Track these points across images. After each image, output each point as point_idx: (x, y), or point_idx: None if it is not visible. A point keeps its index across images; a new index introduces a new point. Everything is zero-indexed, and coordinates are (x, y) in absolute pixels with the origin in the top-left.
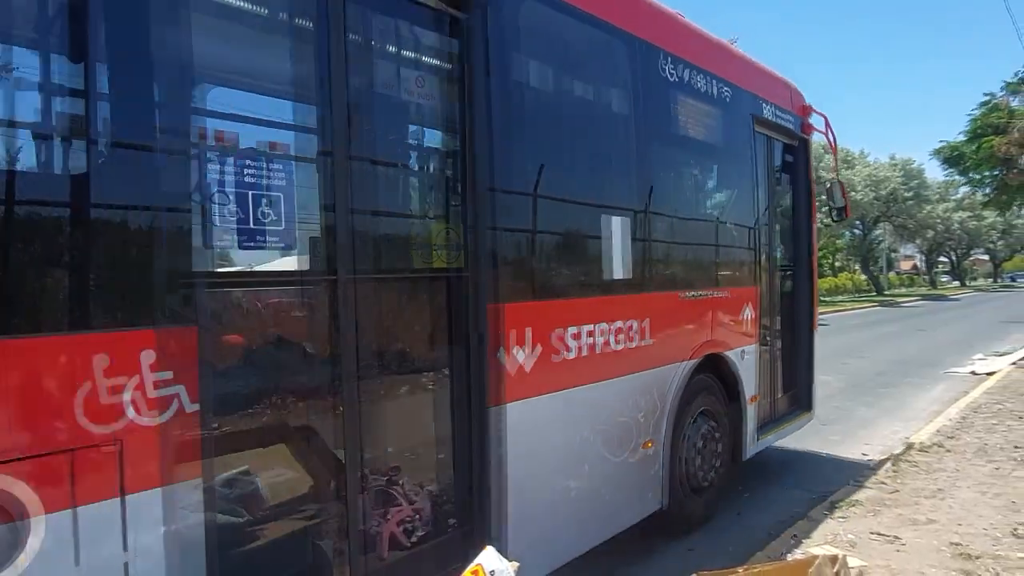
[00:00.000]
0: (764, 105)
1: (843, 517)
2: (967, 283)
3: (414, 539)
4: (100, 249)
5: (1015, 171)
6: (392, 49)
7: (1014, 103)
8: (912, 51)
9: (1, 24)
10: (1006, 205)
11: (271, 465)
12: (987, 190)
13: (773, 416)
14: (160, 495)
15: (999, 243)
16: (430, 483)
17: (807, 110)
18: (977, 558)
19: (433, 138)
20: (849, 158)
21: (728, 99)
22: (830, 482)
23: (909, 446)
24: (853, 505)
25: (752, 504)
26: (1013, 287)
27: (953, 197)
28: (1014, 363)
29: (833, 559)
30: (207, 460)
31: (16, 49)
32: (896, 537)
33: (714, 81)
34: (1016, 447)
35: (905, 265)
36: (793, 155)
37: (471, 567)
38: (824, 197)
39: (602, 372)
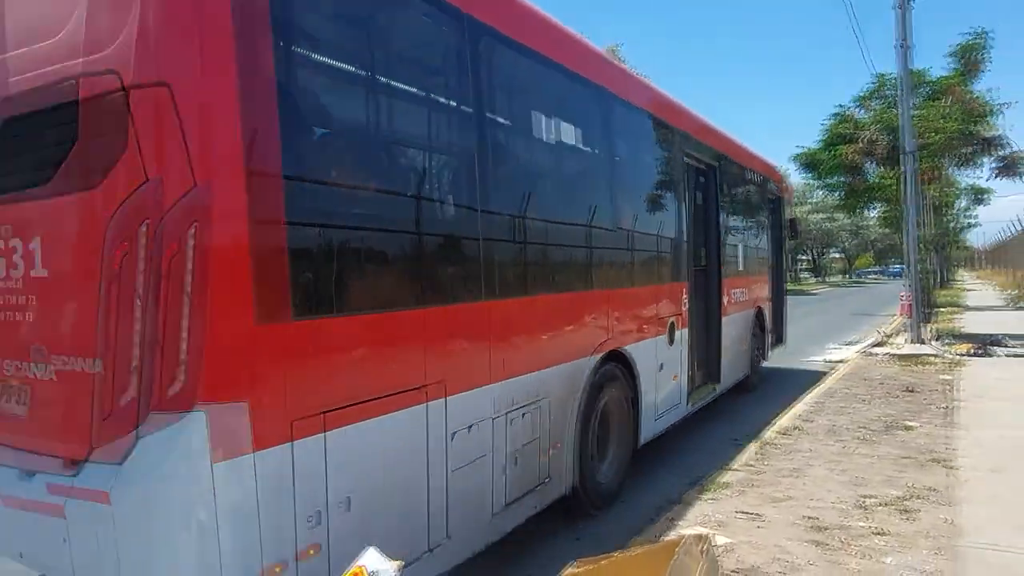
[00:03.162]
0: (770, 183)
1: (714, 499)
2: (824, 279)
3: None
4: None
5: (860, 177)
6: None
7: (860, 115)
8: (777, 65)
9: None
10: (855, 208)
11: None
12: (839, 194)
13: (771, 342)
14: (688, 330)
15: (850, 242)
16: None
17: (782, 179)
18: (827, 529)
19: (699, 224)
20: None
21: (765, 183)
22: (704, 468)
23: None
24: (723, 487)
25: (631, 493)
26: (862, 283)
27: (811, 200)
28: (860, 352)
29: (700, 538)
30: (691, 323)
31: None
32: (759, 515)
33: (764, 178)
34: (860, 427)
35: None
36: (776, 205)
37: (352, 568)
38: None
39: (737, 309)
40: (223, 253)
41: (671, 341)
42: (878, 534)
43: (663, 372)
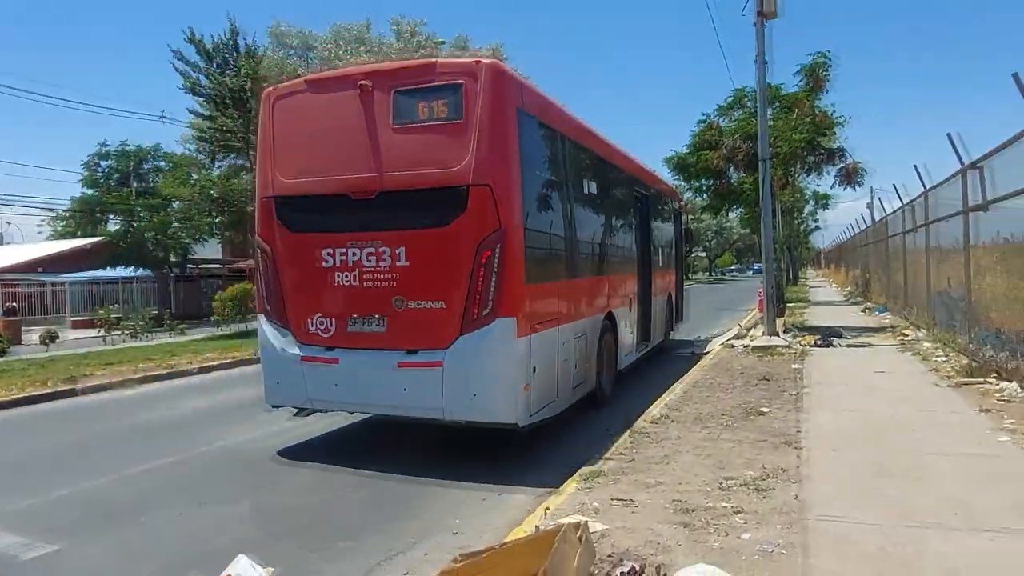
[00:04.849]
0: (674, 201)
1: (590, 488)
2: (689, 276)
3: (640, 331)
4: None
5: (724, 181)
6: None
7: (724, 124)
8: (652, 75)
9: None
10: (718, 210)
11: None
12: (706, 196)
13: (676, 319)
14: (636, 305)
15: (713, 242)
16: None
17: (681, 197)
18: (694, 511)
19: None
20: None
21: (670, 202)
22: (579, 458)
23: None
24: (598, 476)
25: (510, 484)
26: (724, 279)
27: None
28: (723, 344)
29: (576, 526)
30: (637, 301)
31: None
32: (632, 500)
33: (670, 198)
34: (723, 414)
35: None
36: (676, 217)
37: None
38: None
39: (659, 293)
40: (505, 254)
41: (630, 310)
42: (737, 513)
43: (627, 329)
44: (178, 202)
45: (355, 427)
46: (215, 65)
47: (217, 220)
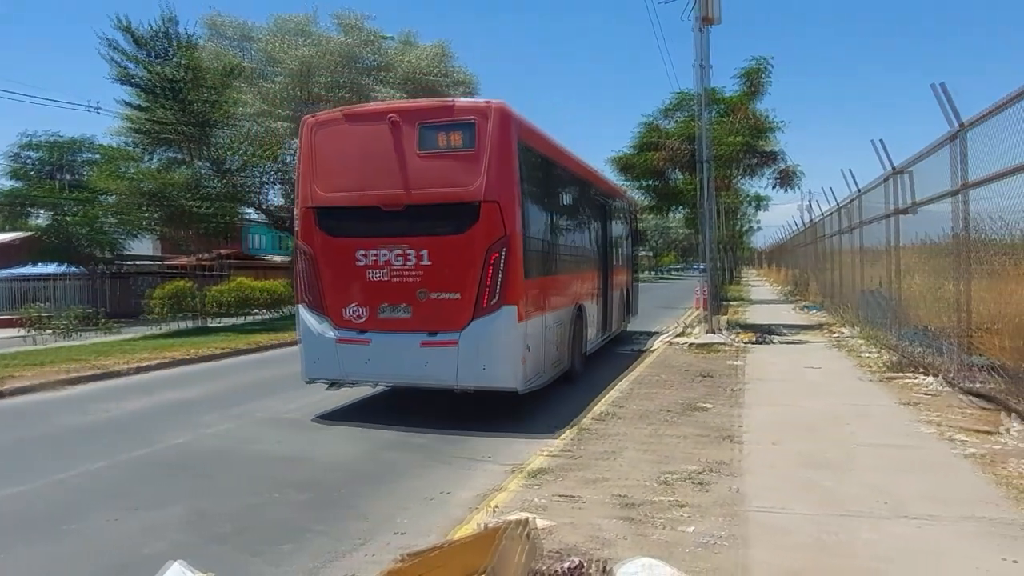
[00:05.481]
0: (626, 204)
1: (536, 485)
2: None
3: (601, 322)
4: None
5: (666, 182)
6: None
7: (666, 125)
8: (596, 78)
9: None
10: (662, 210)
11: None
12: (650, 196)
13: (630, 312)
14: (599, 299)
15: (657, 241)
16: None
17: (632, 200)
18: (636, 506)
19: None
20: None
21: (623, 205)
22: (524, 454)
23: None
24: (543, 473)
25: (455, 482)
26: (667, 278)
27: None
28: (666, 341)
29: (521, 522)
30: (600, 295)
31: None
32: (577, 496)
33: (624, 202)
34: (666, 410)
35: None
36: (631, 219)
37: None
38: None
39: (617, 289)
40: (509, 256)
41: (594, 303)
42: (679, 506)
43: (592, 319)
44: (110, 196)
45: (301, 425)
46: (151, 55)
47: (152, 215)
